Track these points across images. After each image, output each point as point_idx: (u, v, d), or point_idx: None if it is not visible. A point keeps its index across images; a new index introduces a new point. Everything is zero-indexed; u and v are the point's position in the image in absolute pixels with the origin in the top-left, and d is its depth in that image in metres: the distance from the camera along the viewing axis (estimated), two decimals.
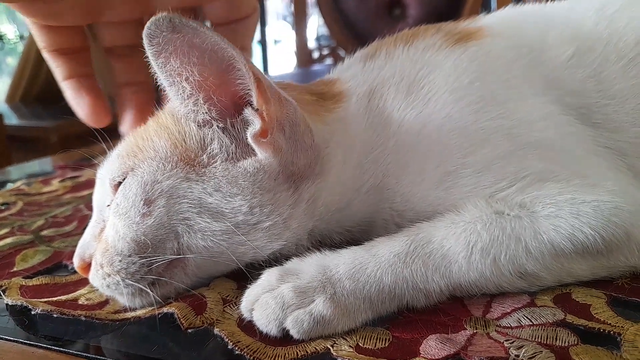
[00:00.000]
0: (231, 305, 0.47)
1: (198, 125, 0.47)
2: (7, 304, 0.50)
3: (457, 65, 0.53)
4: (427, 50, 0.55)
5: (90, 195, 0.85)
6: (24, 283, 0.55)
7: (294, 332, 0.41)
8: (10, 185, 0.94)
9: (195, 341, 0.43)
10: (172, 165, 0.46)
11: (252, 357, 0.40)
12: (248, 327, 0.44)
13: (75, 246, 0.63)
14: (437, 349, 0.40)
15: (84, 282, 0.54)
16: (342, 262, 0.45)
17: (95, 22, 0.53)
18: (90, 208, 0.77)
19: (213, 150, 0.46)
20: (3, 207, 0.81)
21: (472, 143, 0.49)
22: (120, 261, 0.46)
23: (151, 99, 0.57)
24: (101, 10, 0.51)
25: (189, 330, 0.43)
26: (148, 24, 0.41)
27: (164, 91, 0.46)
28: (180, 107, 0.46)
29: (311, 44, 2.57)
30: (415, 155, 0.50)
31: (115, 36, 0.55)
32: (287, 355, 0.40)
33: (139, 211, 0.45)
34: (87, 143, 0.63)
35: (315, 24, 3.44)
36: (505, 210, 0.46)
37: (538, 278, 0.46)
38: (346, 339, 0.42)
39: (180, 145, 0.46)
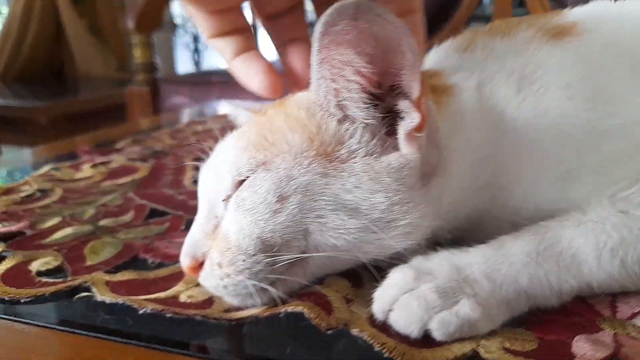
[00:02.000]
0: (354, 305, 0.45)
1: (338, 120, 0.44)
2: (104, 302, 0.47)
3: (563, 61, 0.52)
4: (528, 45, 0.54)
5: (132, 182, 0.82)
6: (109, 278, 0.51)
7: (437, 334, 0.40)
8: (35, 172, 0.88)
9: (329, 343, 0.41)
10: (309, 161, 0.43)
11: None
12: (382, 328, 0.42)
13: (144, 238, 0.61)
14: (591, 350, 0.39)
15: (174, 277, 0.51)
16: (473, 261, 0.43)
17: None
18: (141, 196, 0.74)
19: (352, 145, 0.43)
20: (39, 194, 0.76)
21: (589, 142, 0.48)
22: (244, 261, 0.43)
23: None
24: None
25: (329, 332, 0.41)
26: (329, 11, 0.38)
27: None
28: (328, 100, 0.44)
29: None
30: (532, 154, 0.49)
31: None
32: (435, 357, 0.39)
33: (270, 207, 0.42)
34: (78, 125, 0.60)
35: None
36: (629, 210, 0.46)
37: None
38: (490, 341, 0.40)
39: (317, 140, 0.44)
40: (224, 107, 1.67)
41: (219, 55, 0.53)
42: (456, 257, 0.44)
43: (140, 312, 0.45)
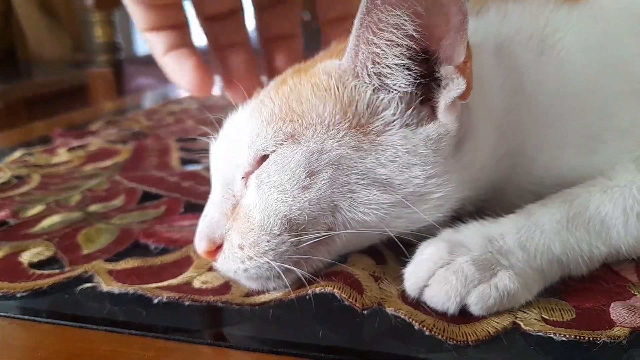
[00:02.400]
0: (383, 282, 0.43)
1: (374, 90, 0.41)
2: (112, 293, 0.43)
3: (582, 24, 0.51)
4: (544, 7, 0.52)
5: (115, 165, 0.77)
6: (111, 267, 0.47)
7: (476, 309, 0.38)
8: (5, 159, 0.82)
9: (363, 323, 0.39)
10: (342, 133, 0.40)
11: (443, 337, 0.37)
12: (416, 305, 0.40)
13: (141, 222, 0.57)
14: (630, 316, 0.38)
15: (183, 263, 0.48)
16: (505, 231, 0.42)
17: None
18: (129, 179, 0.70)
19: (387, 116, 0.41)
20: (16, 181, 0.71)
21: (612, 105, 0.47)
22: (268, 241, 0.40)
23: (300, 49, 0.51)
24: None
25: (364, 312, 0.39)
26: None
27: None
28: (366, 67, 0.40)
29: None
30: (555, 119, 0.47)
31: None
32: (476, 333, 0.37)
33: (299, 184, 0.39)
34: (36, 110, 0.57)
35: None
36: None
37: None
38: (527, 313, 0.39)
39: (350, 111, 0.41)
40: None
41: (149, 48, 0.51)
42: (487, 227, 0.43)
43: (155, 301, 0.41)
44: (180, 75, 0.49)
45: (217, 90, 0.59)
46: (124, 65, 2.16)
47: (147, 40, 0.50)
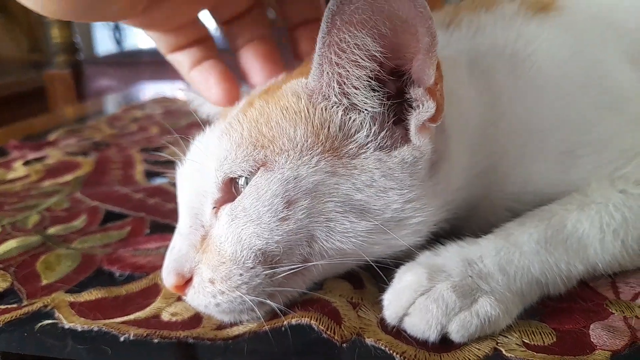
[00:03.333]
0: (361, 309, 0.41)
1: (345, 110, 0.39)
2: (74, 330, 0.40)
3: (552, 37, 0.50)
4: (515, 20, 0.52)
5: (76, 180, 0.74)
6: (72, 299, 0.45)
7: (457, 337, 0.37)
8: None
9: (342, 355, 0.37)
10: (317, 158, 0.38)
11: None
12: (396, 334, 0.39)
13: (104, 246, 0.54)
14: (610, 338, 0.38)
15: (150, 292, 0.46)
16: (485, 253, 0.41)
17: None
18: (91, 196, 0.66)
19: (359, 138, 0.39)
20: None
21: (586, 120, 0.47)
22: (241, 275, 0.38)
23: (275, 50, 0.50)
24: None
25: (344, 345, 0.37)
26: None
27: None
28: (332, 87, 0.39)
29: None
30: (530, 135, 0.47)
31: None
32: None
33: (277, 215, 0.37)
34: None
35: None
36: (628, 189, 0.45)
37: None
38: (508, 337, 0.39)
39: (322, 134, 0.39)
40: (157, 89, 1.57)
41: (176, 69, 0.51)
42: (466, 250, 0.42)
43: (122, 339, 0.39)
44: (207, 90, 0.48)
45: (192, 102, 0.57)
46: (83, 66, 2.09)
47: (172, 61, 0.49)
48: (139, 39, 3.18)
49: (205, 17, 0.50)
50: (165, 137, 0.98)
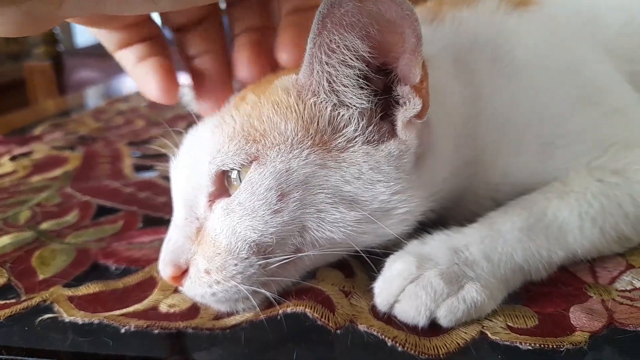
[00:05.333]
0: (353, 297, 0.43)
1: (333, 106, 0.41)
2: (75, 323, 0.41)
3: (531, 31, 0.52)
4: (496, 15, 0.54)
5: (65, 175, 0.74)
6: (70, 293, 0.46)
7: (445, 321, 0.39)
8: None
9: (336, 341, 0.39)
10: (307, 152, 0.40)
11: (415, 352, 0.37)
12: (387, 320, 0.41)
13: (98, 240, 0.55)
14: (588, 320, 0.40)
15: (147, 284, 0.47)
16: (470, 242, 0.43)
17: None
18: (82, 191, 0.67)
19: (348, 133, 0.41)
20: None
21: (564, 112, 0.49)
22: (236, 265, 0.40)
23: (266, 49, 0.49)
24: None
25: (338, 332, 0.39)
26: None
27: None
28: (321, 85, 0.40)
29: None
30: (511, 127, 0.49)
31: None
32: (446, 345, 0.38)
33: (271, 208, 0.39)
34: None
35: None
36: (604, 178, 0.48)
37: (629, 240, 0.48)
38: (493, 321, 0.41)
39: (312, 128, 0.40)
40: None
41: (122, 66, 0.49)
42: (452, 238, 0.44)
43: (123, 330, 0.40)
44: (145, 85, 0.46)
45: (183, 97, 0.56)
46: (63, 58, 2.06)
47: (118, 58, 0.48)
48: None
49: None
50: (152, 129, 0.98)
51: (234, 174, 0.41)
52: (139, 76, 0.47)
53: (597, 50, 0.54)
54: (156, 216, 0.60)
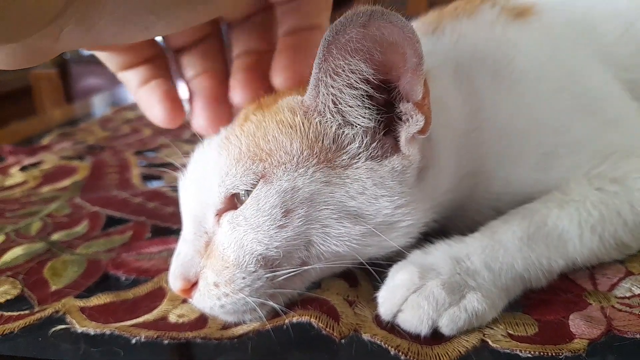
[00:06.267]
0: (357, 306, 0.44)
1: (339, 125, 0.42)
2: (87, 334, 0.43)
3: (530, 43, 0.53)
4: (495, 26, 0.55)
5: (74, 185, 0.76)
6: (82, 304, 0.47)
7: (447, 330, 0.40)
8: None
9: (340, 350, 0.40)
10: (312, 170, 0.41)
11: None
12: (390, 329, 0.42)
13: (108, 251, 0.56)
14: (587, 327, 0.41)
15: (156, 295, 0.48)
16: (471, 251, 0.44)
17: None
18: (92, 202, 0.68)
19: (351, 150, 0.42)
20: None
21: (564, 122, 0.50)
22: (244, 278, 0.41)
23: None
24: None
25: (342, 341, 0.40)
26: (340, 19, 0.35)
27: None
28: (327, 106, 0.41)
29: None
30: (512, 138, 0.50)
31: None
32: (448, 354, 0.39)
33: (276, 223, 0.40)
34: None
35: None
36: (604, 187, 0.48)
37: (628, 248, 0.49)
38: (493, 329, 0.42)
39: (317, 147, 0.41)
40: None
41: (126, 87, 0.49)
42: (454, 248, 0.45)
43: (134, 341, 0.41)
44: (149, 109, 0.47)
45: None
46: (70, 65, 2.08)
47: (121, 79, 0.48)
48: None
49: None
50: (159, 137, 0.99)
51: (242, 191, 0.42)
52: (142, 100, 0.47)
53: (595, 60, 0.55)
54: (164, 226, 0.61)
